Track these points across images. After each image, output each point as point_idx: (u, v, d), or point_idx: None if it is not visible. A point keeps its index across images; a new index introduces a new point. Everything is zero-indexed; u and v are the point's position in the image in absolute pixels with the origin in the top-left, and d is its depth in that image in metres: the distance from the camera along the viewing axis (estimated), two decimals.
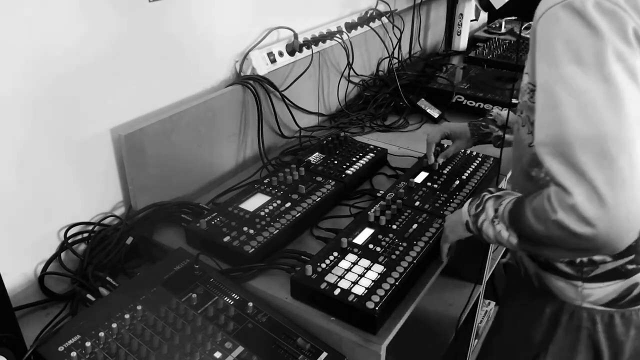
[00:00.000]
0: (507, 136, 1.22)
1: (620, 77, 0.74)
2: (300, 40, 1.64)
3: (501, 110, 1.45)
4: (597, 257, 0.96)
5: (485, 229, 0.93)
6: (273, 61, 1.57)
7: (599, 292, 0.98)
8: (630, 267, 0.95)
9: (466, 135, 1.38)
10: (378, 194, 1.31)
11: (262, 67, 1.53)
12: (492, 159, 1.47)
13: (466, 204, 1.03)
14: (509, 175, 1.45)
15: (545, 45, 0.80)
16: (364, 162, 1.45)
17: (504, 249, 2.02)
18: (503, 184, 1.43)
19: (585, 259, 0.97)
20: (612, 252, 0.78)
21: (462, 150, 1.48)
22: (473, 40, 2.63)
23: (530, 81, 0.92)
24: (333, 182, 1.34)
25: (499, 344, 1.23)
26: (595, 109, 0.74)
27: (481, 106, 1.83)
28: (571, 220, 0.74)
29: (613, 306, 0.99)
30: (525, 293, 1.11)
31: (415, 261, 1.06)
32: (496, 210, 0.91)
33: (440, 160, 1.40)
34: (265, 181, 1.33)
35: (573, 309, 1.02)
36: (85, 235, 1.19)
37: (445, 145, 1.43)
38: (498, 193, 0.95)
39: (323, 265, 1.04)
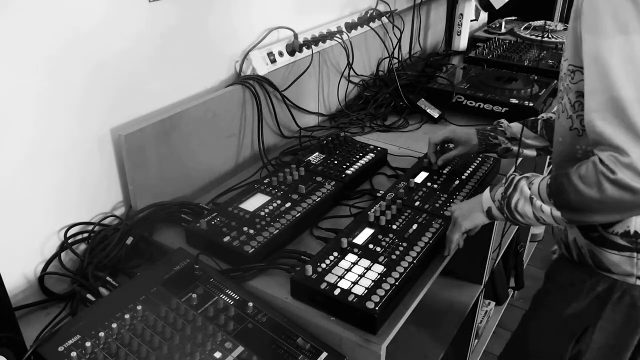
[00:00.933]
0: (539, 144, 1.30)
1: None
2: (300, 40, 1.64)
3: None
4: None
5: (521, 207, 0.99)
6: (273, 61, 1.57)
7: None
8: None
9: (471, 142, 1.37)
10: (378, 194, 1.31)
11: (262, 67, 1.53)
12: (492, 159, 1.47)
13: (487, 192, 1.08)
14: (511, 170, 1.44)
15: (592, 19, 0.87)
16: (364, 162, 1.45)
17: (504, 248, 2.02)
18: None
19: (639, 230, 1.01)
20: None
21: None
22: (473, 40, 2.63)
23: (571, 63, 0.99)
24: (333, 182, 1.34)
25: (545, 320, 1.23)
26: None
27: (481, 106, 1.83)
28: (630, 177, 0.81)
29: None
30: (574, 276, 1.13)
31: (415, 261, 1.06)
32: (530, 189, 0.97)
33: (440, 162, 1.40)
34: (265, 181, 1.33)
35: (625, 287, 1.05)
36: (85, 235, 1.19)
37: (451, 146, 1.43)
38: (526, 174, 1.01)
39: (323, 265, 1.04)
